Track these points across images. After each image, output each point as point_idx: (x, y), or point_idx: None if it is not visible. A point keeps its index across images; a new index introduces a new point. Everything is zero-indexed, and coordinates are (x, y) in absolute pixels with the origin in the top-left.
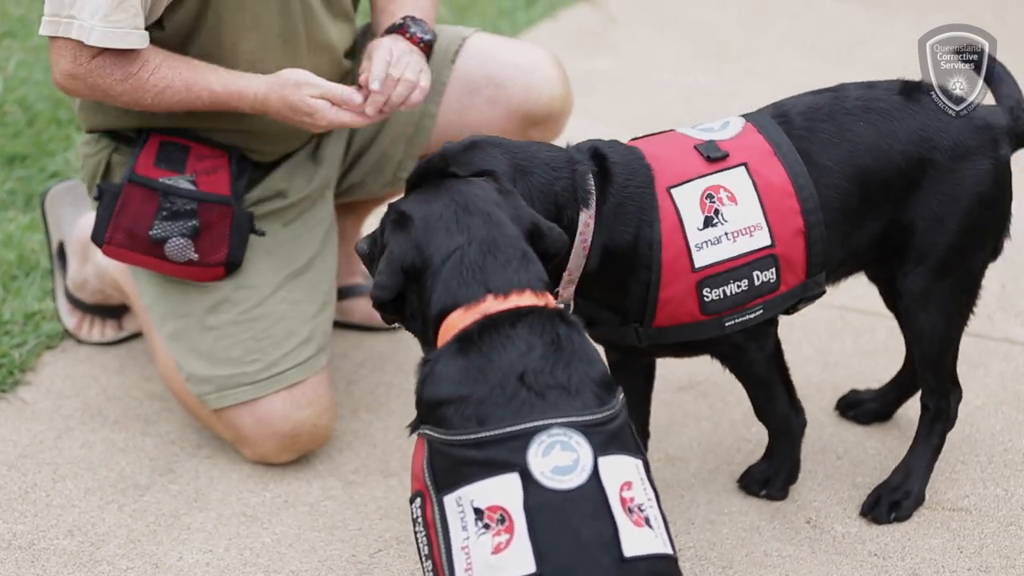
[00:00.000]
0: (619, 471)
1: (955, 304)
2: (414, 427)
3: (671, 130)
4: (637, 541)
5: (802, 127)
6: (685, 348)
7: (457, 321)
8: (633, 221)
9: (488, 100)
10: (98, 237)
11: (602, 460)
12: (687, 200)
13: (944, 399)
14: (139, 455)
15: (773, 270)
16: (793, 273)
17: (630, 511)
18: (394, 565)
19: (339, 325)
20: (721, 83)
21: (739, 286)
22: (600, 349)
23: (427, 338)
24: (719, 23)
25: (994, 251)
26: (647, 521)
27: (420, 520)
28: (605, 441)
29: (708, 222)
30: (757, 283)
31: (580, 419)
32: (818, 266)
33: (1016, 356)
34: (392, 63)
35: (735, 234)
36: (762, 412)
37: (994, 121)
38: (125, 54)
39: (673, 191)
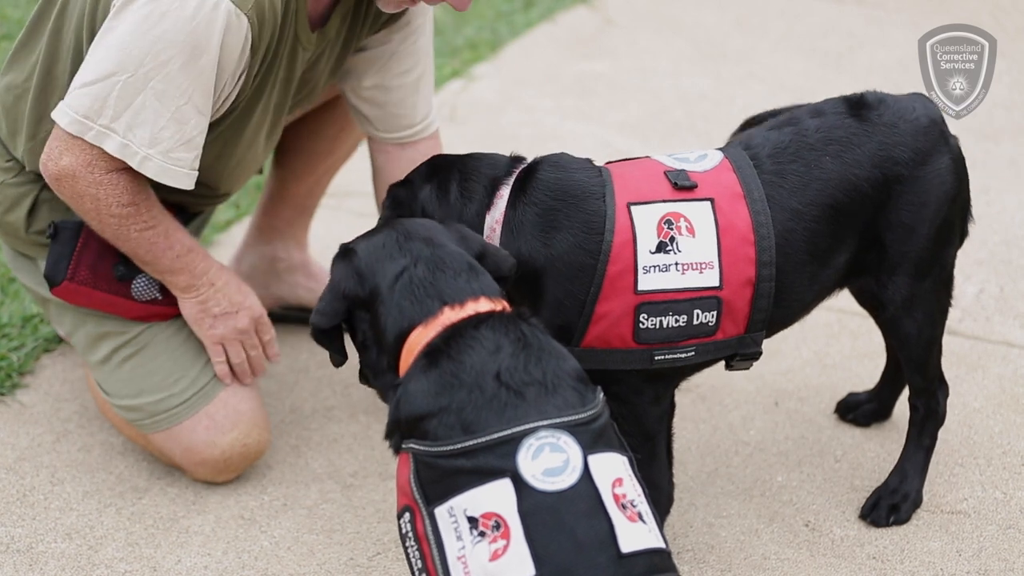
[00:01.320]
0: (609, 468)
1: (937, 303)
2: (396, 445)
3: (647, 156)
4: (633, 537)
5: (772, 171)
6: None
7: (419, 339)
8: (571, 230)
9: None
10: (57, 275)
11: (591, 458)
12: (645, 220)
13: (932, 398)
14: (137, 458)
15: (714, 313)
16: (733, 322)
17: (623, 507)
18: (392, 568)
19: None
20: (719, 86)
21: (677, 320)
22: None
23: (384, 366)
24: (717, 26)
25: (961, 237)
26: (640, 516)
27: (411, 535)
28: (592, 440)
29: (661, 247)
30: (696, 322)
31: (566, 419)
32: (759, 323)
33: (1015, 359)
34: None
35: (685, 267)
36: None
37: (934, 114)
38: (136, 180)
39: (633, 208)
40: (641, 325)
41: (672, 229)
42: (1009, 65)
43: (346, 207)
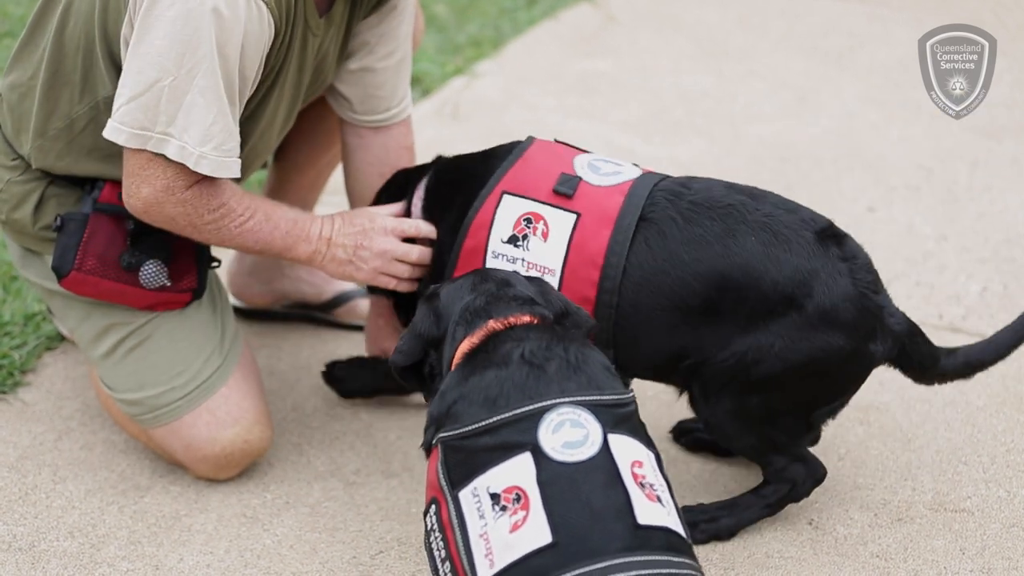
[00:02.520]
0: (629, 449)
1: (755, 421)
2: (428, 442)
3: (580, 150)
4: (650, 512)
5: (683, 211)
6: None
7: (465, 347)
8: (453, 209)
9: None
10: (64, 265)
11: (612, 437)
12: (508, 210)
13: (783, 470)
14: (140, 456)
15: None
16: None
17: (642, 485)
18: (395, 567)
19: (340, 327)
20: (721, 84)
21: None
22: None
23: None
24: (719, 24)
25: (808, 424)
26: (659, 499)
27: (436, 526)
28: (615, 421)
29: (513, 240)
30: None
31: (588, 398)
32: (604, 342)
33: (1018, 356)
34: None
35: (530, 265)
36: None
37: (890, 320)
38: (215, 182)
39: (505, 196)
40: None
41: (528, 227)
42: (1011, 64)
43: (347, 205)
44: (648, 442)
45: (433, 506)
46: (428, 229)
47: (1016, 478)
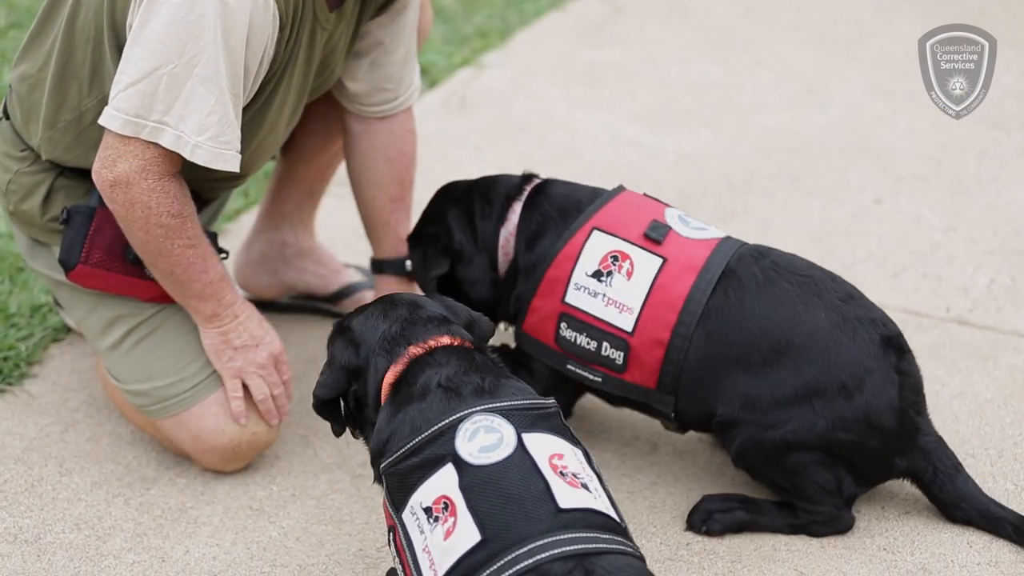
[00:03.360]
0: (547, 444)
1: (789, 473)
2: (377, 478)
3: (667, 205)
4: (572, 496)
5: (764, 269)
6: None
7: (391, 377)
8: (547, 239)
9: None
10: (71, 259)
11: (527, 436)
12: (596, 246)
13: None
14: (146, 448)
15: (622, 354)
16: (641, 372)
17: (562, 474)
18: None
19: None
20: (728, 74)
21: (588, 343)
22: None
23: (372, 420)
24: (726, 14)
25: (837, 488)
26: (584, 487)
27: (394, 552)
28: (529, 421)
29: (597, 275)
30: (603, 353)
31: (498, 404)
32: (667, 386)
33: None
34: None
35: (610, 301)
36: None
37: (923, 439)
38: (185, 192)
39: (595, 232)
40: (561, 332)
41: (614, 264)
42: (1019, 54)
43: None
44: (574, 440)
45: (391, 534)
46: (288, 376)
47: None
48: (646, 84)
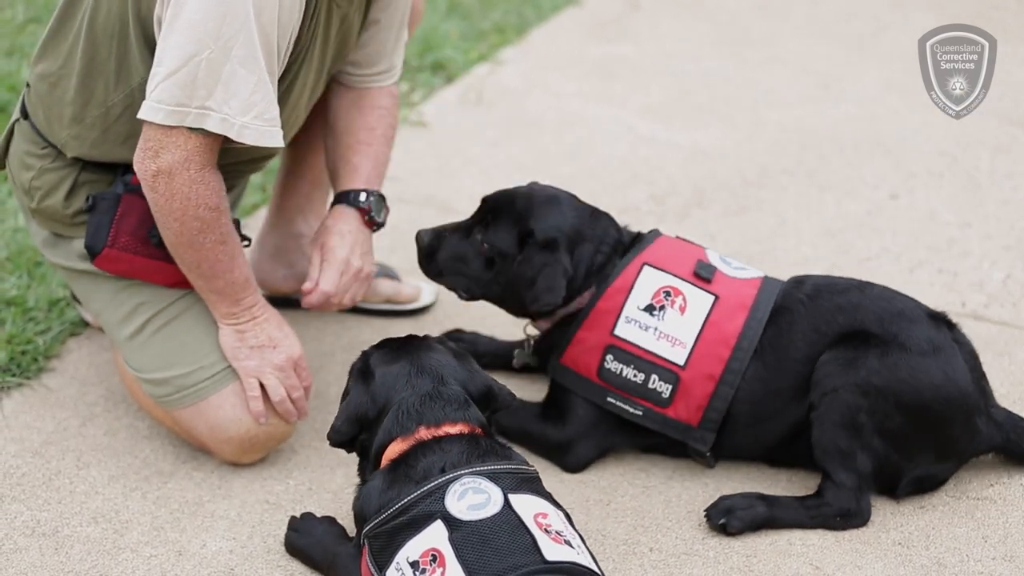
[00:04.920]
0: (532, 505)
1: (857, 431)
2: (358, 541)
3: (702, 247)
4: (557, 551)
5: (808, 293)
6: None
7: (393, 450)
8: (598, 276)
9: None
10: (98, 243)
11: (513, 496)
12: (648, 281)
13: (840, 487)
14: (163, 442)
15: (670, 387)
16: (687, 407)
17: (547, 531)
18: None
19: (362, 311)
20: (742, 70)
21: (635, 375)
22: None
23: (368, 472)
24: (740, 10)
25: (895, 469)
26: (568, 543)
27: None
28: (515, 484)
29: (650, 309)
30: (651, 385)
31: (485, 468)
32: (712, 421)
33: None
34: (345, 270)
35: (662, 335)
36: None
37: (993, 407)
38: (223, 186)
39: (645, 267)
40: (606, 364)
41: (667, 299)
42: None
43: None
44: (555, 503)
45: None
46: (309, 382)
47: None
48: (660, 79)
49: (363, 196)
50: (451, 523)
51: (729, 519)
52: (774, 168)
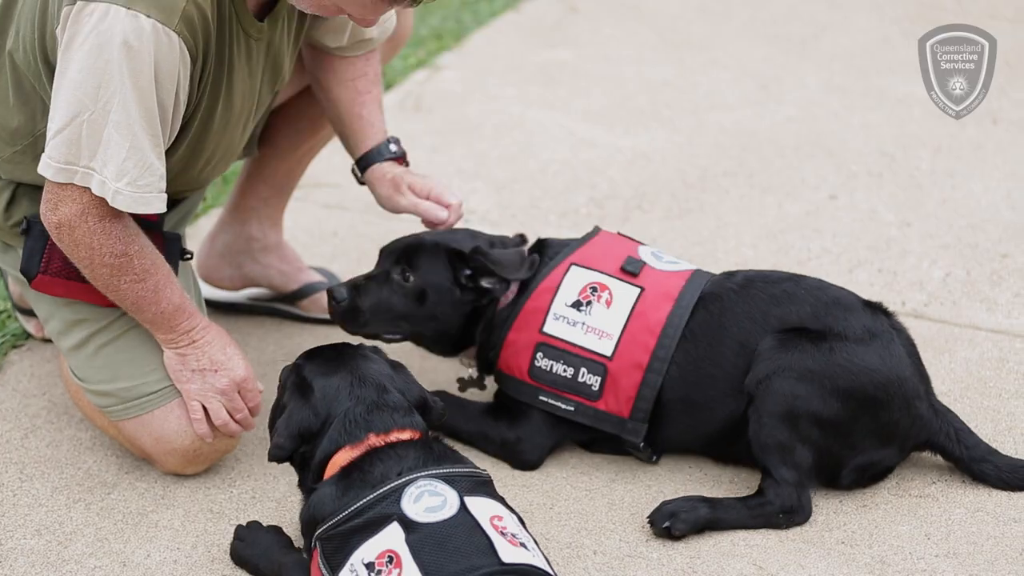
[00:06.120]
0: (488, 507)
1: (797, 424)
2: (309, 546)
3: (639, 243)
4: (513, 553)
5: (739, 283)
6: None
7: (341, 458)
8: (529, 279)
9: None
10: (31, 269)
11: (468, 499)
12: (575, 279)
13: (777, 484)
14: (106, 453)
15: (599, 379)
16: (616, 399)
17: (503, 533)
18: None
19: (305, 320)
20: (683, 73)
21: (565, 370)
22: None
23: (309, 482)
24: (681, 13)
25: (836, 461)
26: (523, 546)
27: None
28: (470, 487)
29: (577, 305)
30: (580, 379)
31: (441, 471)
32: (642, 411)
33: (981, 342)
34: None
35: (589, 328)
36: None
37: (933, 395)
38: (126, 229)
39: (573, 267)
40: (536, 362)
41: (593, 295)
42: None
43: (313, 199)
44: (509, 507)
45: None
46: (255, 403)
47: None
48: (601, 83)
49: (392, 147)
50: (407, 525)
51: (673, 522)
52: (715, 171)
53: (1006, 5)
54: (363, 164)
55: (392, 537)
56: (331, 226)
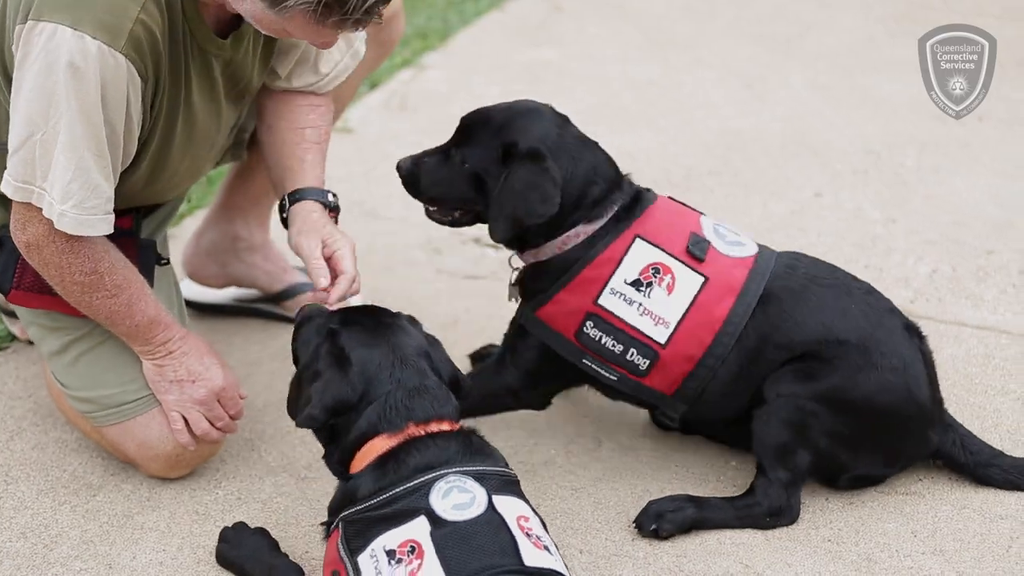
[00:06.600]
0: (515, 507)
1: (803, 429)
2: (330, 524)
3: (702, 213)
4: (537, 556)
5: (799, 280)
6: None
7: (379, 445)
8: (593, 241)
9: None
10: (4, 283)
11: (496, 498)
12: (638, 255)
13: (767, 482)
14: (91, 455)
15: (648, 362)
16: (663, 380)
17: (528, 535)
18: None
19: (290, 321)
20: (668, 72)
21: (613, 346)
22: None
23: (336, 459)
24: (665, 13)
25: (836, 468)
26: (547, 549)
27: None
28: (498, 486)
29: (636, 284)
30: (628, 357)
31: (472, 468)
32: (687, 398)
33: (967, 338)
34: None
35: (646, 311)
36: (476, 385)
37: (948, 416)
38: (95, 248)
39: (638, 239)
40: (585, 329)
41: (655, 276)
42: None
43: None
44: (535, 511)
45: None
46: (236, 410)
47: None
48: (586, 82)
49: (330, 196)
50: (435, 521)
51: (660, 523)
52: (700, 170)
53: (992, 4)
54: (294, 198)
55: (418, 529)
56: None
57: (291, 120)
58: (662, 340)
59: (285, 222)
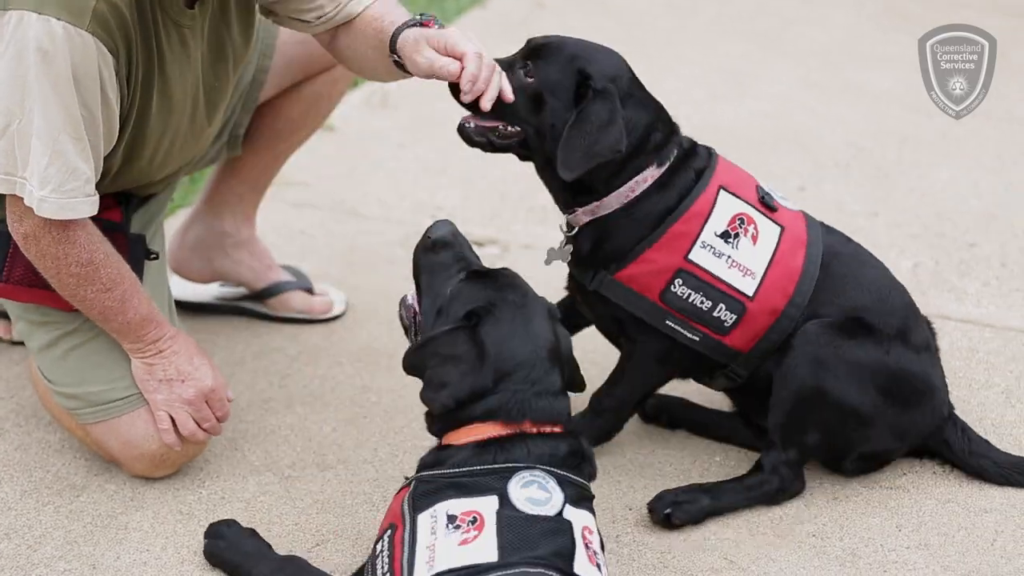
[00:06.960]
0: (584, 519)
1: (814, 408)
2: (408, 479)
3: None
4: (588, 569)
5: (848, 244)
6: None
7: (489, 429)
8: (673, 193)
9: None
10: None
11: (570, 508)
12: (725, 206)
13: (778, 462)
14: (75, 456)
15: (735, 317)
16: (743, 336)
17: (587, 546)
18: (332, 559)
19: (273, 319)
20: (650, 69)
21: (702, 303)
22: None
23: (439, 424)
24: (648, 8)
25: (843, 448)
26: (599, 567)
27: (386, 548)
28: (576, 497)
29: (726, 236)
30: (715, 313)
31: (559, 471)
32: (763, 351)
33: (950, 331)
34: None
35: (735, 263)
36: (607, 387)
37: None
38: (91, 239)
39: (722, 191)
40: (672, 288)
41: (741, 227)
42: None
43: (282, 197)
44: (599, 532)
45: (389, 530)
46: (224, 412)
47: None
48: None
49: (418, 16)
50: (505, 503)
51: (675, 510)
52: None
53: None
54: (393, 41)
55: (486, 505)
56: (300, 224)
57: (361, 35)
58: (750, 292)
59: (403, 67)
